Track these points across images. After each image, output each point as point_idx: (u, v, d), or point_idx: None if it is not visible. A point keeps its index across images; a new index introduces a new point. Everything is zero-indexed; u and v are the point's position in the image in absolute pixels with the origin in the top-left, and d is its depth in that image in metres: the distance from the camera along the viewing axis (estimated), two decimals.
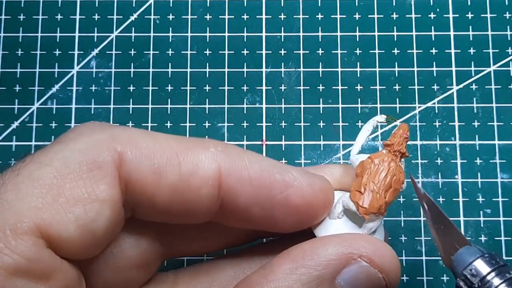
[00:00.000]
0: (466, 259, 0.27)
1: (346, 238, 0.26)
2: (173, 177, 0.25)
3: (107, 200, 0.24)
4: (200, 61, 0.40)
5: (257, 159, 0.27)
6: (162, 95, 0.39)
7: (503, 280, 0.26)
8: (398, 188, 0.28)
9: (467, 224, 0.37)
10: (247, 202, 0.26)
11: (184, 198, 0.26)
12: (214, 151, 0.26)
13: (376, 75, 0.39)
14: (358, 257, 0.25)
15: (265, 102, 0.39)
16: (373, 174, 0.28)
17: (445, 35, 0.40)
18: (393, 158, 0.28)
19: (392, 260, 0.26)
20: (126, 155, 0.25)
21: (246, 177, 0.26)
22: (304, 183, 0.27)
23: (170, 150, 0.26)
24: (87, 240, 0.24)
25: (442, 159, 0.38)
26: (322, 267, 0.25)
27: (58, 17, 0.41)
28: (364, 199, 0.28)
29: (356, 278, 0.25)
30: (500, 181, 0.38)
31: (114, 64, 0.40)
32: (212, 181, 0.26)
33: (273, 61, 0.40)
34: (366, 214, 0.27)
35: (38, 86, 0.40)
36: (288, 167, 0.28)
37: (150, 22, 0.40)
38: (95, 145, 0.25)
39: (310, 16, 0.40)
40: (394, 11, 0.40)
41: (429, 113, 0.39)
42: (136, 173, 0.25)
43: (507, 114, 0.38)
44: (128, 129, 0.27)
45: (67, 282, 0.24)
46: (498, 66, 0.39)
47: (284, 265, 0.25)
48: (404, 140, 0.29)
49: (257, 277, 0.25)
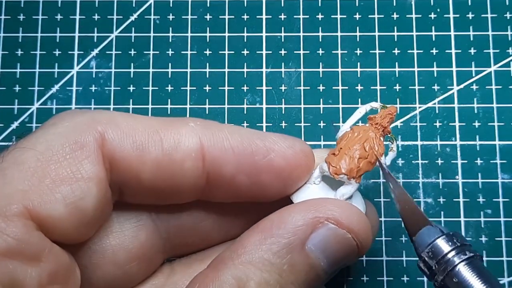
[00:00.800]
0: (425, 240, 0.27)
1: (313, 203, 0.27)
2: (156, 153, 0.26)
3: (92, 178, 0.24)
4: (200, 61, 0.40)
5: (236, 129, 0.28)
6: (162, 95, 0.39)
7: (460, 260, 0.26)
8: (374, 158, 0.29)
9: (467, 224, 0.37)
10: (232, 171, 0.27)
11: (169, 173, 0.26)
12: (193, 125, 0.27)
13: (377, 75, 0.39)
14: (324, 220, 0.26)
15: (265, 102, 0.39)
16: (350, 140, 0.29)
17: (446, 35, 0.40)
18: (373, 130, 0.29)
19: (360, 220, 0.27)
20: (108, 133, 0.25)
21: (228, 146, 0.27)
22: (284, 145, 0.27)
23: (150, 127, 0.26)
24: (77, 219, 0.24)
25: (443, 160, 0.38)
26: (290, 234, 0.25)
27: (58, 17, 0.41)
28: (335, 160, 0.28)
29: (325, 241, 0.26)
30: (501, 181, 0.38)
31: (114, 64, 0.40)
32: (195, 153, 0.26)
33: (273, 61, 0.40)
34: (336, 174, 0.28)
35: (38, 86, 0.40)
36: (268, 133, 0.28)
37: (150, 22, 0.40)
38: (76, 127, 0.25)
39: (310, 16, 0.40)
40: (394, 11, 0.40)
41: (429, 114, 0.39)
42: (119, 151, 0.25)
43: (508, 114, 0.38)
44: (108, 111, 0.27)
45: (58, 265, 0.24)
46: (498, 66, 0.39)
47: (253, 237, 0.26)
48: (387, 115, 0.30)
49: (228, 252, 0.26)
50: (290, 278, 0.25)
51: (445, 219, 0.37)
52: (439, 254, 0.26)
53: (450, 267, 0.26)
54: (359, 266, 0.37)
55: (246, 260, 0.25)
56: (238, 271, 0.25)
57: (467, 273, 0.26)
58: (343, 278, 0.37)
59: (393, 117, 0.30)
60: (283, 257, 0.25)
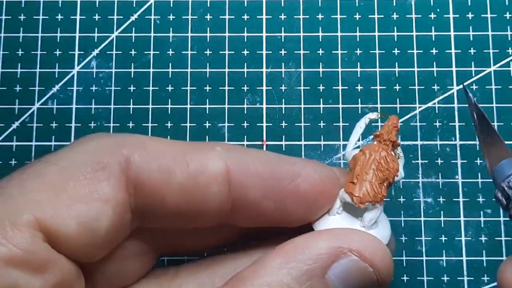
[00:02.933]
0: (506, 171, 0.27)
1: (337, 232, 0.27)
2: (182, 176, 0.26)
3: (110, 200, 0.24)
4: (200, 61, 0.40)
5: (262, 153, 0.28)
6: (163, 95, 0.39)
7: None
8: (392, 177, 0.28)
9: (467, 224, 0.37)
10: (258, 196, 0.27)
11: (195, 197, 0.26)
12: (220, 149, 0.27)
13: (377, 75, 0.39)
14: (348, 251, 0.26)
15: (265, 102, 0.39)
16: (364, 164, 0.28)
17: (446, 35, 0.40)
18: (383, 147, 0.29)
19: (383, 255, 0.26)
20: (133, 157, 0.25)
21: (254, 171, 0.27)
22: (311, 171, 0.27)
23: (177, 151, 0.26)
24: (87, 239, 0.24)
25: (443, 159, 0.38)
26: (312, 261, 0.25)
27: (59, 17, 0.41)
28: (357, 189, 0.28)
29: (346, 272, 0.26)
30: None
31: (114, 64, 0.40)
32: (221, 177, 0.26)
33: (274, 61, 0.40)
34: (361, 204, 0.28)
35: (38, 86, 0.40)
36: (293, 158, 0.28)
37: (151, 22, 0.40)
38: (102, 148, 0.25)
39: (310, 16, 0.40)
40: (394, 11, 0.40)
41: (429, 113, 0.39)
42: (145, 174, 0.25)
43: (508, 114, 0.38)
44: (136, 135, 0.27)
45: (63, 276, 0.24)
46: (498, 66, 0.39)
47: (275, 259, 0.25)
48: (393, 129, 0.29)
49: (248, 272, 0.26)
50: None
51: (445, 219, 0.37)
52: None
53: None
54: None
55: (265, 282, 0.25)
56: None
57: None
58: None
59: (398, 128, 0.30)
60: (303, 283, 0.25)
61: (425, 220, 0.37)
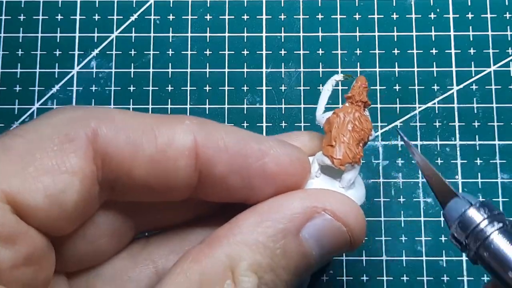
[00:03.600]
0: (453, 213, 0.27)
1: (312, 192, 0.27)
2: (149, 150, 0.26)
3: (77, 172, 0.24)
4: (200, 61, 0.40)
5: (233, 129, 0.27)
6: (162, 96, 0.39)
7: (493, 230, 0.25)
8: (367, 136, 0.29)
9: None
10: (225, 172, 0.27)
11: (162, 171, 0.26)
12: (189, 123, 0.27)
13: (376, 75, 0.39)
14: (322, 211, 0.26)
15: (265, 102, 0.39)
16: (340, 126, 0.29)
17: (445, 35, 0.40)
18: (356, 108, 0.29)
19: (357, 215, 0.27)
20: (101, 129, 0.25)
21: (223, 146, 0.26)
22: (280, 152, 0.27)
23: (145, 124, 0.26)
24: (56, 212, 0.24)
25: (442, 159, 0.38)
26: (287, 220, 0.26)
27: (59, 17, 0.41)
28: (336, 151, 0.28)
29: (320, 231, 0.26)
30: (500, 181, 0.38)
31: (114, 65, 0.40)
32: (189, 151, 0.26)
33: (273, 61, 0.40)
34: (341, 165, 0.28)
35: (38, 86, 0.40)
36: (265, 137, 0.28)
37: (150, 23, 0.40)
38: (69, 120, 0.25)
39: (310, 16, 0.40)
40: (394, 11, 0.40)
41: (429, 113, 0.39)
42: (112, 147, 0.25)
43: (507, 114, 0.38)
44: (104, 107, 0.27)
45: (34, 248, 0.24)
46: (498, 66, 0.39)
47: (250, 219, 0.26)
48: (363, 89, 0.30)
49: (223, 231, 0.26)
50: (282, 263, 0.25)
51: None
52: (468, 227, 0.26)
53: (482, 238, 0.25)
54: (359, 265, 0.37)
55: (241, 241, 0.25)
56: (232, 250, 0.25)
57: (501, 241, 0.25)
58: (343, 277, 0.37)
59: (367, 87, 0.30)
60: (277, 241, 0.25)
61: (425, 220, 0.37)
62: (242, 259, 0.25)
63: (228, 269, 0.24)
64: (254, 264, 0.25)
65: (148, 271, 0.29)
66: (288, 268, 0.26)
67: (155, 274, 0.29)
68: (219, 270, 0.24)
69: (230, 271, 0.24)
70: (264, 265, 0.25)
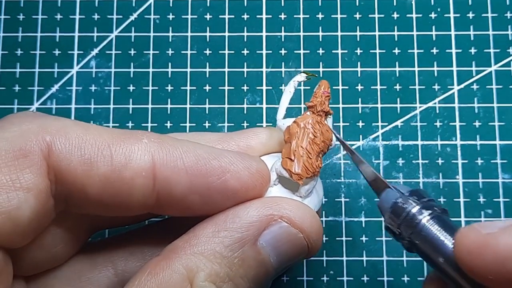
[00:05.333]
0: (385, 204, 0.27)
1: (268, 200, 0.27)
2: (104, 168, 0.25)
3: (32, 188, 0.24)
4: (200, 61, 0.40)
5: (192, 148, 0.27)
6: (162, 95, 0.39)
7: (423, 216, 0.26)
8: (327, 147, 0.29)
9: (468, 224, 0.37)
10: (185, 192, 0.26)
11: (117, 190, 0.26)
12: (147, 142, 0.26)
13: (377, 75, 0.39)
14: (278, 218, 0.26)
15: (265, 102, 0.39)
16: (300, 139, 0.29)
17: (446, 34, 0.40)
18: (317, 119, 0.29)
19: (312, 221, 0.27)
20: (55, 145, 0.25)
21: (182, 166, 0.26)
22: (240, 166, 0.27)
23: (102, 141, 0.26)
24: (10, 228, 0.24)
25: (443, 159, 0.38)
26: (243, 229, 0.26)
27: (58, 16, 0.40)
28: (295, 166, 0.28)
29: (277, 239, 0.26)
30: (501, 181, 0.37)
31: (114, 64, 0.40)
32: (146, 172, 0.26)
33: (274, 61, 0.40)
34: (300, 180, 0.28)
35: (37, 86, 0.40)
36: (224, 151, 0.28)
37: (150, 22, 0.40)
38: (23, 134, 0.25)
39: (310, 15, 0.40)
40: (394, 10, 0.40)
41: (430, 113, 0.39)
42: (65, 163, 0.25)
43: (508, 114, 0.38)
44: (60, 119, 0.27)
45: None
46: (499, 66, 0.39)
47: (207, 229, 0.26)
48: (325, 98, 0.29)
49: (181, 242, 0.26)
50: (240, 272, 0.25)
51: None
52: (400, 216, 0.26)
53: (413, 226, 0.26)
54: (360, 266, 0.37)
55: (198, 251, 0.25)
56: (189, 261, 0.25)
57: (431, 228, 0.26)
58: (343, 277, 0.37)
59: (329, 95, 0.30)
60: (235, 251, 0.25)
61: None
62: (200, 269, 0.25)
63: (186, 280, 0.24)
64: (212, 274, 0.25)
65: (108, 272, 0.29)
66: (246, 277, 0.26)
67: (115, 275, 0.30)
68: (177, 281, 0.24)
69: (188, 282, 0.24)
70: (222, 275, 0.25)
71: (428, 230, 0.26)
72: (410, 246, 0.26)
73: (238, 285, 0.25)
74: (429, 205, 0.26)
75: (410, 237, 0.26)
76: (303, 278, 0.37)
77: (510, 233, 0.22)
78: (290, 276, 0.37)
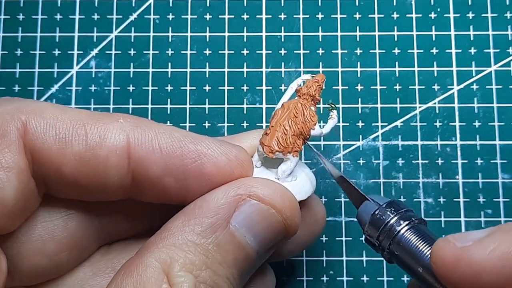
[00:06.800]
0: (364, 216, 0.27)
1: (235, 182, 0.27)
2: (79, 147, 0.25)
3: (13, 167, 0.24)
4: (200, 61, 0.40)
5: (169, 129, 0.27)
6: (162, 95, 0.39)
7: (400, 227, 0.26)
8: (307, 130, 0.29)
9: (468, 224, 0.37)
10: (159, 173, 0.26)
11: (93, 169, 0.26)
12: (122, 122, 0.26)
13: (377, 75, 0.39)
14: (247, 197, 0.26)
15: (265, 102, 0.39)
16: (280, 116, 0.29)
17: (446, 34, 0.40)
18: (302, 102, 0.29)
19: (283, 196, 0.26)
20: (30, 124, 0.25)
21: (156, 146, 0.26)
22: (218, 151, 0.27)
23: (77, 121, 0.26)
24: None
25: (443, 159, 0.38)
26: (213, 214, 0.25)
27: (58, 16, 0.40)
28: (268, 139, 0.28)
29: (249, 218, 0.26)
30: (501, 181, 0.37)
31: (113, 64, 0.40)
32: (120, 150, 0.26)
33: (273, 61, 0.40)
34: (271, 153, 0.28)
35: (37, 86, 0.40)
36: (203, 137, 0.27)
37: (150, 22, 0.40)
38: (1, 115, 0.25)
39: (310, 15, 0.40)
40: (394, 10, 0.40)
41: (429, 113, 0.39)
42: (40, 142, 0.25)
43: (508, 114, 0.38)
44: (36, 101, 0.27)
45: None
46: (499, 66, 0.39)
47: (177, 220, 0.26)
48: (314, 83, 0.29)
49: (153, 238, 0.26)
50: (217, 258, 0.25)
51: (445, 219, 0.37)
52: (378, 227, 0.26)
53: (391, 236, 0.26)
54: (360, 266, 0.37)
55: (170, 243, 0.25)
56: (162, 254, 0.24)
57: (409, 237, 0.26)
58: (343, 277, 0.37)
59: (321, 84, 0.30)
60: (207, 237, 0.25)
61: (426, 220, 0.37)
62: (174, 260, 0.24)
63: (161, 273, 0.24)
64: (187, 263, 0.24)
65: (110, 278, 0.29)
66: (226, 263, 0.25)
67: None
68: (152, 276, 0.24)
69: (164, 275, 0.24)
70: (198, 263, 0.24)
71: (406, 240, 0.26)
72: (390, 257, 0.27)
73: (218, 271, 0.25)
74: (407, 215, 0.27)
75: (389, 248, 0.26)
76: (303, 278, 0.37)
77: (483, 246, 0.22)
78: (290, 276, 0.37)
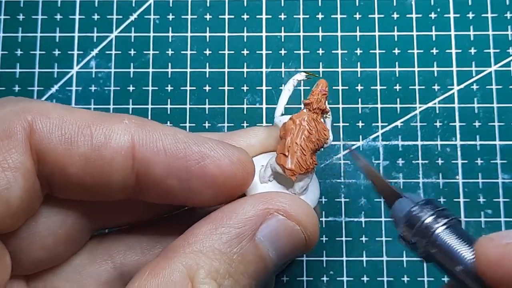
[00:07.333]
0: (399, 214, 0.27)
1: (263, 195, 0.27)
2: (84, 148, 0.25)
3: (19, 167, 0.24)
4: (200, 61, 0.40)
5: (173, 131, 0.27)
6: (162, 95, 0.39)
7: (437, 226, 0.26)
8: (321, 145, 0.29)
9: (468, 224, 0.37)
10: (163, 174, 0.26)
11: (98, 170, 0.26)
12: (127, 122, 0.26)
13: (377, 75, 0.39)
14: (275, 212, 0.26)
15: (265, 102, 0.39)
16: (295, 135, 0.29)
17: (446, 35, 0.40)
18: (313, 117, 0.29)
19: (308, 213, 0.27)
20: (36, 124, 0.25)
21: (161, 147, 0.26)
22: (221, 153, 0.27)
23: (82, 121, 0.26)
24: (2, 209, 0.24)
25: (443, 160, 0.38)
26: (241, 225, 0.26)
27: (58, 17, 0.40)
28: (289, 162, 0.28)
29: (274, 232, 0.26)
30: (501, 181, 0.37)
31: (113, 64, 0.40)
32: (125, 151, 0.26)
33: (273, 61, 0.40)
34: (293, 176, 0.28)
35: (37, 86, 0.40)
36: (206, 138, 0.28)
37: (150, 22, 0.40)
38: (6, 116, 0.25)
39: (310, 15, 0.40)
40: (394, 10, 0.40)
41: (429, 113, 0.39)
42: (46, 143, 0.25)
43: (508, 114, 0.38)
44: (44, 102, 0.27)
45: None
46: (499, 66, 0.39)
47: (204, 226, 0.26)
48: (322, 96, 0.29)
49: (179, 242, 0.26)
50: (240, 268, 0.25)
51: None
52: (415, 225, 0.26)
53: (428, 235, 0.26)
54: (360, 266, 0.37)
55: (197, 249, 0.25)
56: (189, 259, 0.25)
57: (447, 237, 0.25)
58: (343, 277, 0.37)
59: (327, 93, 0.30)
60: (233, 246, 0.25)
61: None
62: (199, 267, 0.25)
63: (186, 279, 0.24)
64: (212, 271, 0.25)
65: (106, 266, 0.30)
66: (246, 273, 0.26)
67: (114, 269, 0.30)
68: (177, 280, 0.24)
69: (189, 281, 0.24)
70: (222, 271, 0.25)
71: (444, 239, 0.25)
72: (426, 256, 0.26)
73: (239, 281, 0.25)
74: (444, 214, 0.26)
75: (425, 247, 0.26)
76: (303, 278, 0.37)
77: None
78: (290, 276, 0.37)
